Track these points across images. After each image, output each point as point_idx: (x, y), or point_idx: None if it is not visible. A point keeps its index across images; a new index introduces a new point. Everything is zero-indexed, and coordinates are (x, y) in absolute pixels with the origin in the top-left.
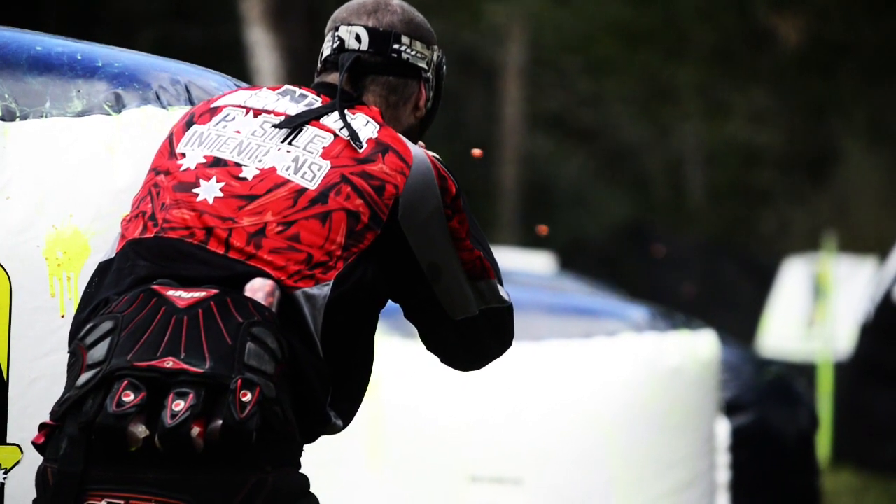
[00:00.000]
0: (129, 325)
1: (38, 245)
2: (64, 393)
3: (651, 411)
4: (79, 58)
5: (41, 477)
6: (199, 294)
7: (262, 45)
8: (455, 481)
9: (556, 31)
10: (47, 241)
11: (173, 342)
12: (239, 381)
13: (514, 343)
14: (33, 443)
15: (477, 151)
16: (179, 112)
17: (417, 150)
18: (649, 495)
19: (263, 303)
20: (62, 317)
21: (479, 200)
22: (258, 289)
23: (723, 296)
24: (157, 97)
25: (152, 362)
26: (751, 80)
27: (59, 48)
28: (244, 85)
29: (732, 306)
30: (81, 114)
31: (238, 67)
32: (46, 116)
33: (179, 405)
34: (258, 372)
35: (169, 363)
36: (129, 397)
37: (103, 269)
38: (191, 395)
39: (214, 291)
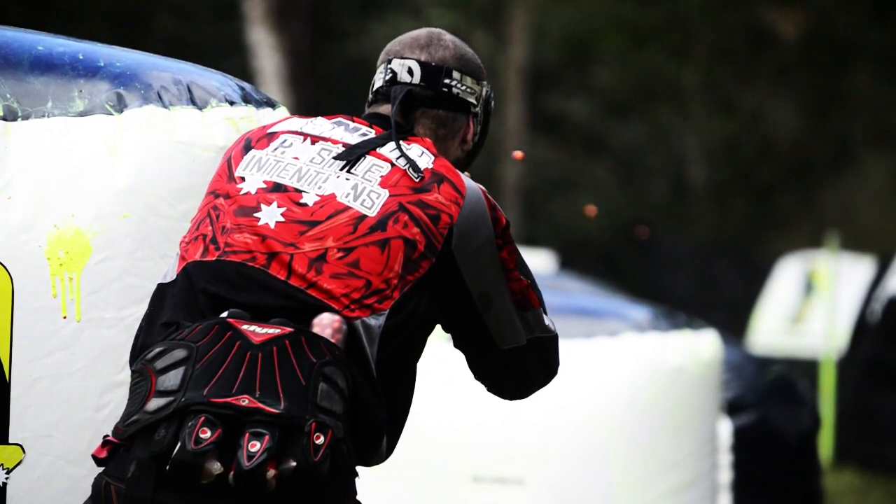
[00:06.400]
0: (203, 357)
1: (40, 245)
2: (129, 412)
3: (653, 411)
4: (80, 57)
5: (103, 491)
6: (273, 331)
7: (263, 45)
8: (457, 481)
9: (558, 29)
10: (49, 241)
11: (248, 379)
12: (313, 424)
13: None
14: (94, 455)
15: (518, 154)
16: (181, 112)
17: (470, 182)
18: (651, 495)
19: (331, 339)
20: (64, 317)
21: None
22: (326, 325)
23: (723, 295)
24: (159, 97)
25: (228, 399)
26: (754, 79)
27: (61, 48)
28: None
29: (731, 305)
30: (83, 113)
31: (240, 67)
32: (48, 116)
33: (255, 446)
34: (329, 413)
35: (244, 401)
36: (207, 434)
37: (163, 289)
38: (266, 437)
39: (289, 330)
